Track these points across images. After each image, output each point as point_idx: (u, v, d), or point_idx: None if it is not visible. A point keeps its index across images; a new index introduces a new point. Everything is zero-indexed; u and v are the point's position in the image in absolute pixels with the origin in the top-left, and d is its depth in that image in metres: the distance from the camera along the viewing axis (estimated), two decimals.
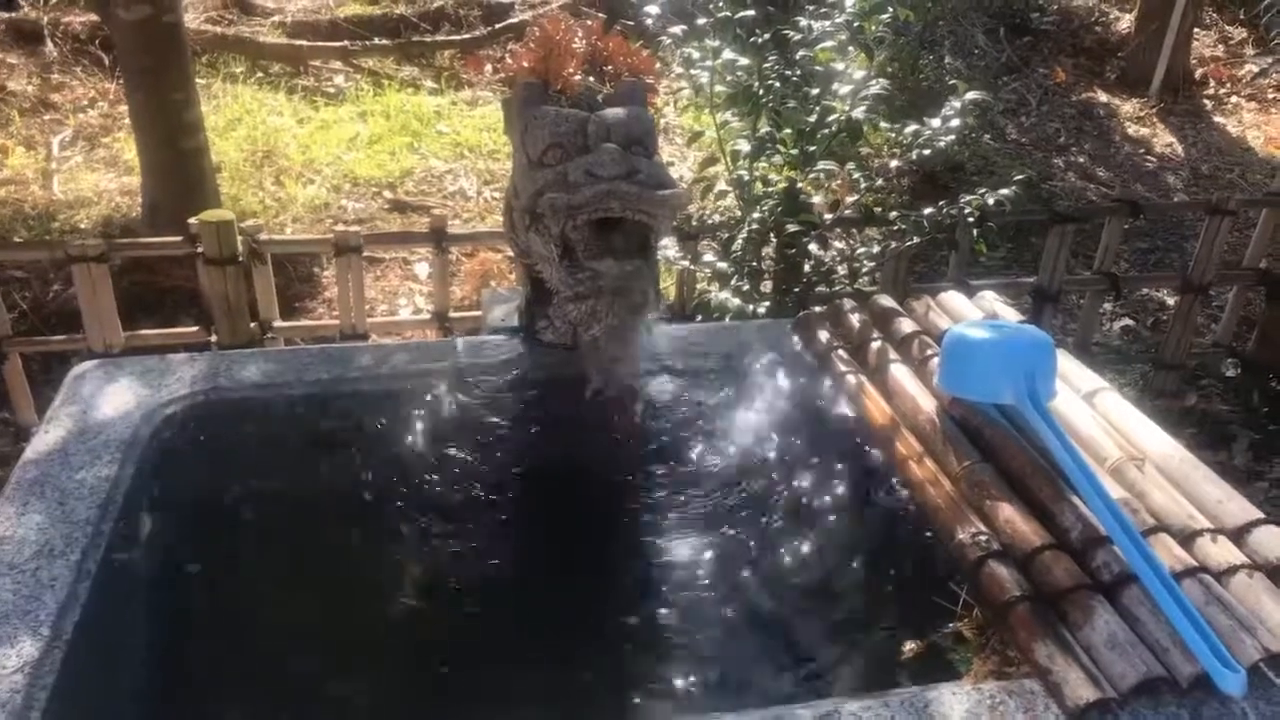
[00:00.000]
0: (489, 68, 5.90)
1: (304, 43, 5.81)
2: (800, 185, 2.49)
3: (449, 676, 1.37)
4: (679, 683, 1.33)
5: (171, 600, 1.42)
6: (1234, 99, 6.81)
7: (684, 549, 1.51)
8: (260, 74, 5.63)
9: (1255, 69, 6.97)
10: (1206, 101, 6.74)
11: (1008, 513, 1.38)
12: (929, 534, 1.40)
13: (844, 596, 1.42)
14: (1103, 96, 6.71)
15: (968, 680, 1.18)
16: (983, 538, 1.34)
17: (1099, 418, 1.58)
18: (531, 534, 1.57)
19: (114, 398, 1.59)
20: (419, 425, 1.64)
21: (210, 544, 1.48)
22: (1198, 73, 6.88)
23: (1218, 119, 6.61)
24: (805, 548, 1.50)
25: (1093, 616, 1.21)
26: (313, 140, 4.94)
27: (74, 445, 1.48)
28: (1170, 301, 4.54)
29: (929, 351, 1.74)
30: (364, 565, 1.49)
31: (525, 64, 1.69)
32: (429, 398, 1.67)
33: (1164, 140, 6.40)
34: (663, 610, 1.43)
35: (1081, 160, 6.08)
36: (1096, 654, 1.17)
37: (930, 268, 4.18)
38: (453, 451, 1.61)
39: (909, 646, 1.26)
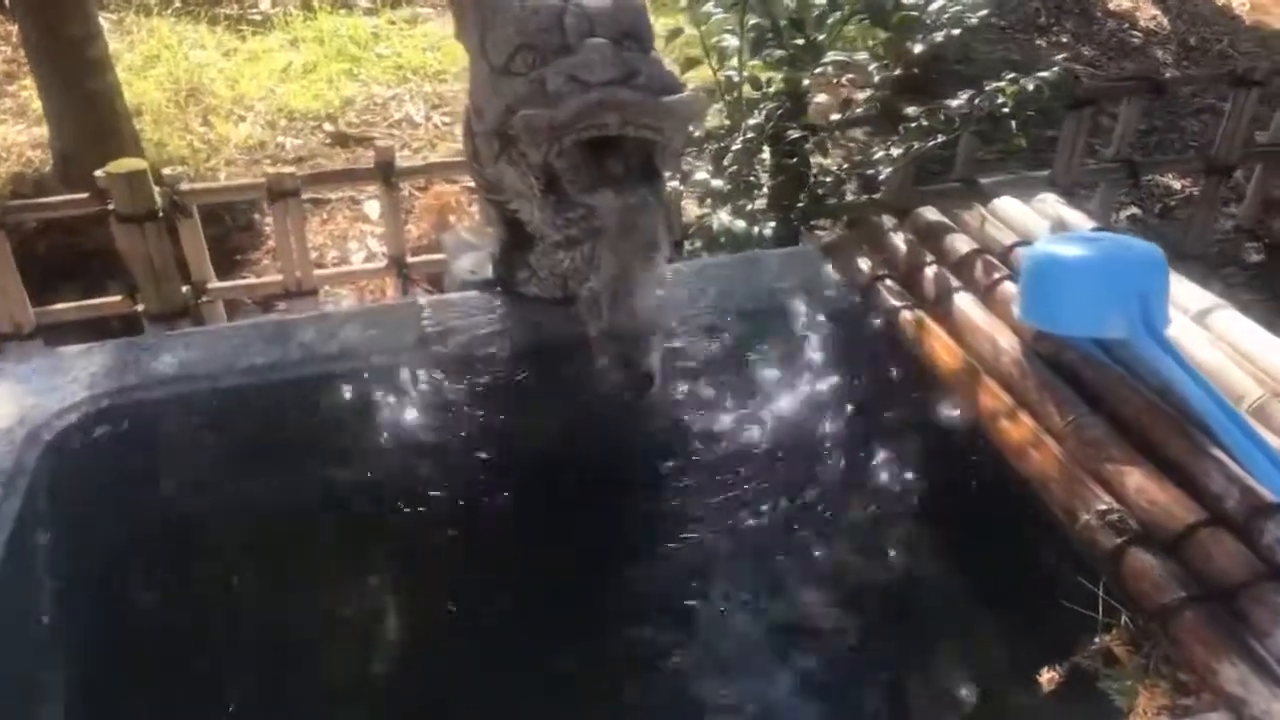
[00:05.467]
0: None
1: None
2: (807, 83, 2.16)
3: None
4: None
5: (85, 669, 1.11)
6: None
7: (716, 550, 1.21)
8: (177, 4, 5.17)
9: None
10: None
11: (1138, 479, 1.09)
12: (1040, 514, 1.11)
13: (936, 606, 1.13)
14: None
15: None
16: (1114, 516, 1.05)
17: (1220, 343, 1.28)
18: (526, 538, 1.27)
19: None
20: (382, 416, 1.31)
21: (128, 595, 1.17)
22: None
23: None
24: (873, 541, 1.20)
25: None
26: (241, 74, 4.56)
27: None
28: (1176, 186, 4.27)
29: (996, 275, 1.43)
30: (322, 599, 1.18)
31: None
32: (391, 378, 1.34)
33: (1148, 14, 6.12)
34: (693, 632, 1.14)
35: (1065, 40, 5.77)
36: None
37: (923, 169, 3.87)
38: (425, 444, 1.29)
39: (1046, 674, 0.97)
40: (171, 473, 1.26)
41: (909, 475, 1.27)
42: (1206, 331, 1.31)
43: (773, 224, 2.18)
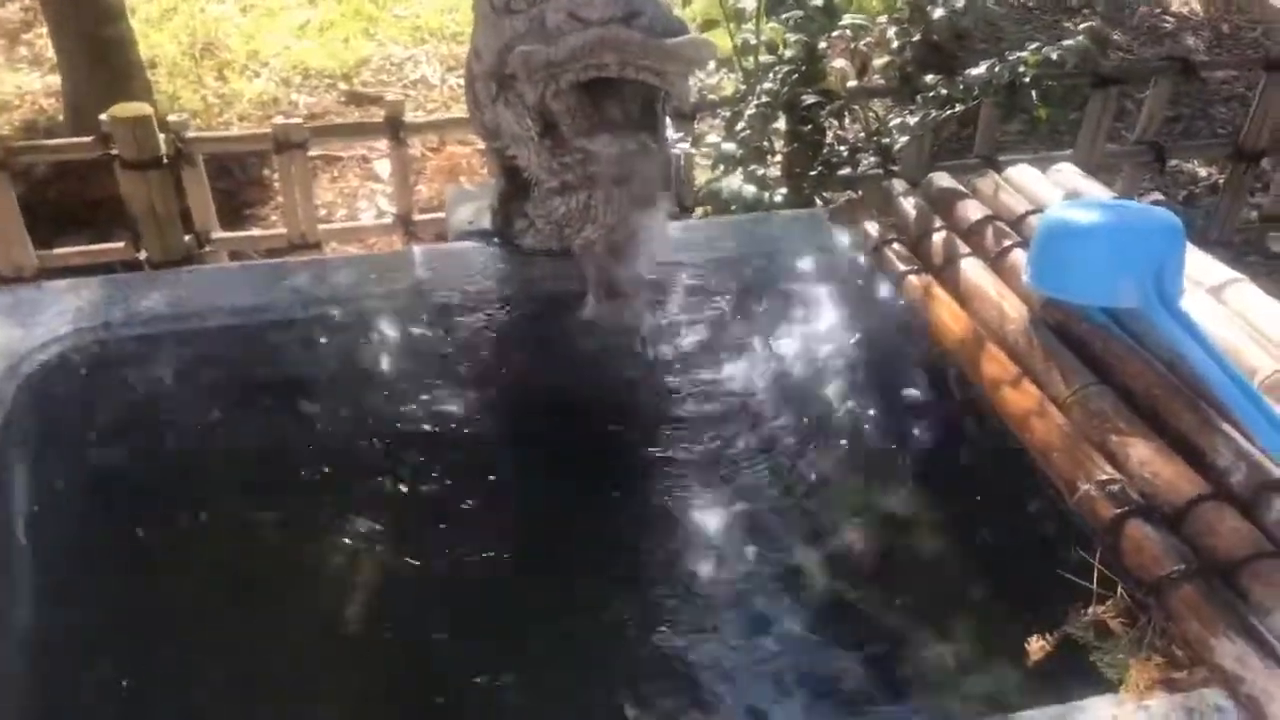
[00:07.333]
0: None
1: None
2: (823, 47, 2.10)
3: (425, 686, 1.06)
4: (714, 692, 1.03)
5: (57, 612, 1.09)
6: None
7: (714, 513, 1.18)
8: None
9: None
10: None
11: (1143, 452, 1.05)
12: (1041, 484, 1.07)
13: (931, 573, 1.09)
14: None
15: (1129, 695, 0.86)
16: (1115, 486, 1.02)
17: (1237, 318, 1.24)
18: (517, 499, 1.23)
19: None
20: (369, 365, 1.28)
21: (104, 535, 1.14)
22: None
23: None
24: (873, 508, 1.17)
25: None
26: (258, 29, 4.52)
27: None
28: (1203, 173, 4.19)
29: (1006, 242, 1.39)
30: (304, 553, 1.16)
31: None
32: (381, 327, 1.31)
33: None
34: (688, 596, 1.11)
35: (1094, 23, 5.67)
36: None
37: (942, 145, 3.80)
38: (412, 397, 1.26)
39: (1035, 644, 0.94)
40: (149, 413, 1.24)
41: (907, 439, 1.23)
42: (1223, 306, 1.27)
43: (784, 191, 2.14)
